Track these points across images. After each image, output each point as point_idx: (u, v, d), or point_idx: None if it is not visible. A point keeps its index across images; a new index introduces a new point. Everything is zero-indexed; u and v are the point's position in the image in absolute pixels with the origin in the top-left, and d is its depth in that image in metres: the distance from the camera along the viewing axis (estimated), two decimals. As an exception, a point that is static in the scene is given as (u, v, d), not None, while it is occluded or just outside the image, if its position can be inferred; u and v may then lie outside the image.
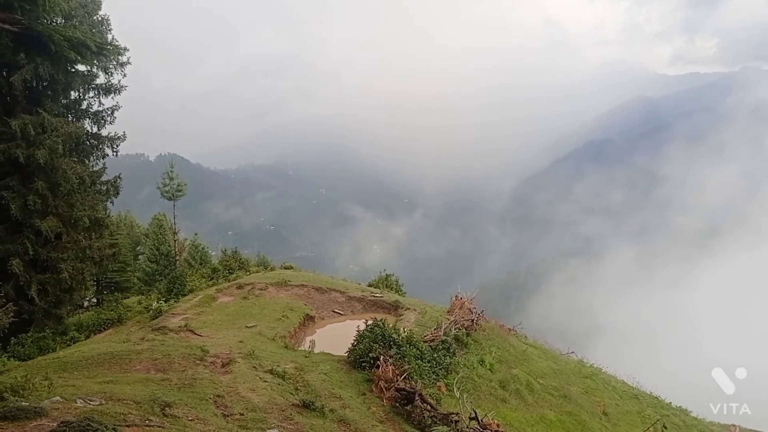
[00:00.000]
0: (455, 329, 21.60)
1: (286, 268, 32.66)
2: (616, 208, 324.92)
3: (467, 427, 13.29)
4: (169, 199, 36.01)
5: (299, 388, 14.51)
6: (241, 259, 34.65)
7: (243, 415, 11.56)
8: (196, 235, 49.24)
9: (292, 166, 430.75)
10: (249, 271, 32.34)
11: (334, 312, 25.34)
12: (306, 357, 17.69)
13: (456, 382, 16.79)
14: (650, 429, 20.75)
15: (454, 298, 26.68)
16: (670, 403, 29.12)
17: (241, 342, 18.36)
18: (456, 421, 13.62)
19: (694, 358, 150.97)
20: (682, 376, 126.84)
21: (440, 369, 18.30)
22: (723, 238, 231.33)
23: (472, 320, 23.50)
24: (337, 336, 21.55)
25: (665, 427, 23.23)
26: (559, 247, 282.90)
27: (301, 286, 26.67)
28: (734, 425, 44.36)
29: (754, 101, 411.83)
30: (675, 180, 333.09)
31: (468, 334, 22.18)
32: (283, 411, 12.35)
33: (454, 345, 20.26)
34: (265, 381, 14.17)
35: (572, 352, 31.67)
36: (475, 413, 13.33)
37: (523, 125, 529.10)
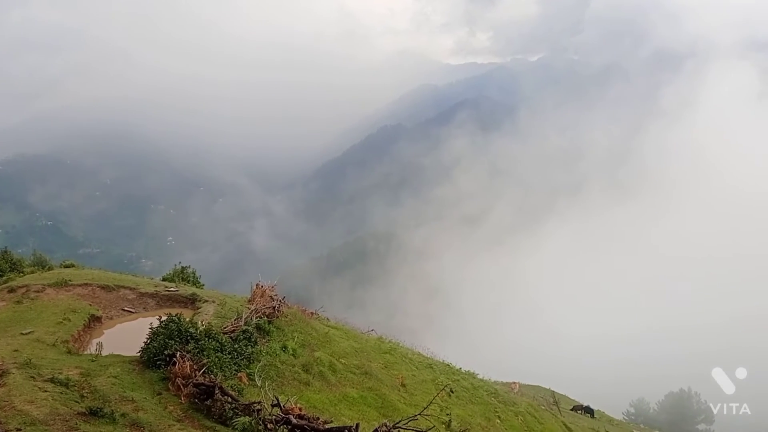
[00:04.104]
0: (256, 318, 21.38)
1: (66, 267, 29.80)
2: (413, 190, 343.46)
3: (270, 415, 13.26)
4: None
5: (85, 395, 13.54)
6: (12, 259, 30.88)
7: (20, 430, 10.72)
8: (-44, 235, 43.15)
9: (71, 155, 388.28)
10: (23, 272, 28.99)
11: (124, 310, 23.74)
12: (93, 361, 16.46)
13: (257, 371, 16.66)
14: (440, 394, 22.33)
15: (254, 287, 26.37)
16: (460, 368, 31.54)
17: (15, 351, 16.53)
18: (258, 410, 13.54)
19: (534, 325, 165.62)
20: (522, 344, 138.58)
21: (242, 359, 18.03)
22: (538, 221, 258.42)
23: (274, 307, 23.39)
24: (128, 336, 20.27)
25: (452, 391, 25.36)
26: (409, 216, 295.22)
27: (85, 285, 24.54)
28: (515, 383, 49.57)
29: (525, 91, 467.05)
30: (467, 161, 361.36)
31: (270, 322, 22.07)
32: (67, 421, 11.51)
33: (255, 334, 20.05)
34: (46, 391, 13.02)
35: (372, 330, 32.92)
36: (277, 400, 13.32)
37: (321, 111, 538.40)
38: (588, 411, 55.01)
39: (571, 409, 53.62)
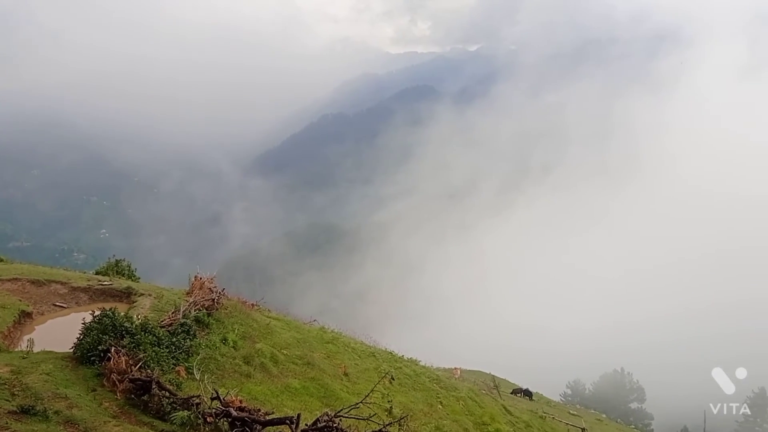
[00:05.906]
0: (195, 310, 21.04)
1: (-8, 262, 28.63)
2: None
3: (209, 408, 13.15)
4: None
5: (16, 393, 13.10)
6: (-66, 255, 29.55)
7: (-54, 432, 10.31)
8: None
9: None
10: (-54, 268, 27.69)
11: (56, 305, 22.97)
12: (24, 358, 15.92)
13: (196, 364, 16.45)
14: (381, 382, 22.60)
15: (193, 279, 25.97)
16: (402, 356, 31.89)
17: (-61, 351, 15.88)
18: (198, 404, 13.40)
19: (486, 317, 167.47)
20: (475, 337, 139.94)
21: (180, 353, 17.73)
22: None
23: (213, 299, 23.05)
24: (60, 331, 19.63)
25: (393, 378, 25.72)
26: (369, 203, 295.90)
27: (14, 280, 23.60)
28: (457, 368, 50.46)
29: (463, 80, 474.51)
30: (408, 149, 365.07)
31: (209, 314, 21.74)
32: (-4, 422, 11.11)
33: (194, 327, 19.73)
34: (-26, 391, 12.59)
35: (315, 320, 33.00)
36: (217, 393, 13.24)
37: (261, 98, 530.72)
38: (527, 394, 56.59)
39: (511, 392, 55.04)
